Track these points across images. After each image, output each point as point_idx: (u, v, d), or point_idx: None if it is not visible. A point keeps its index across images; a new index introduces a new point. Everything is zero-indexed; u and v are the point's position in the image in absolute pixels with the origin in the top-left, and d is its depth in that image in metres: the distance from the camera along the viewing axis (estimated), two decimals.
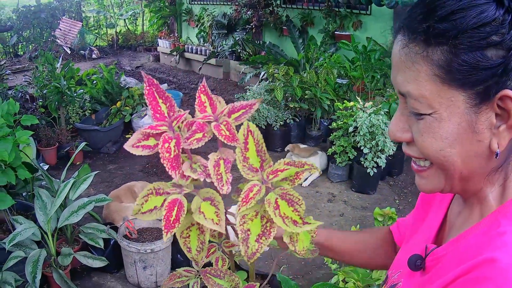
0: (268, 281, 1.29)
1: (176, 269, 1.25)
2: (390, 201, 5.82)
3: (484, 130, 0.88)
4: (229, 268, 1.19)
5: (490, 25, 0.82)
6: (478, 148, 0.90)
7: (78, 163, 6.77)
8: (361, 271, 2.82)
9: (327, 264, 3.34)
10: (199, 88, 0.96)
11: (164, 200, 0.88)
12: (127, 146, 0.89)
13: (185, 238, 0.94)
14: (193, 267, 1.24)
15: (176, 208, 0.87)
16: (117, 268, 4.41)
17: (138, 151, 0.89)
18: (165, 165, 0.85)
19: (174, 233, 0.89)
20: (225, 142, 0.88)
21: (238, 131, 0.93)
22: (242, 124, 0.95)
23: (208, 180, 0.87)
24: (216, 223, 0.86)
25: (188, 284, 1.21)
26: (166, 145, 0.87)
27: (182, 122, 0.91)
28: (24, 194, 4.58)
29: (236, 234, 1.06)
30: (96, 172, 4.47)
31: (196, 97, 0.96)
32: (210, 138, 0.89)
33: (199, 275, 1.20)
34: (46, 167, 5.12)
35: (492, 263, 0.82)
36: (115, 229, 4.31)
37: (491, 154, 0.91)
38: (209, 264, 1.18)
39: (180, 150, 0.87)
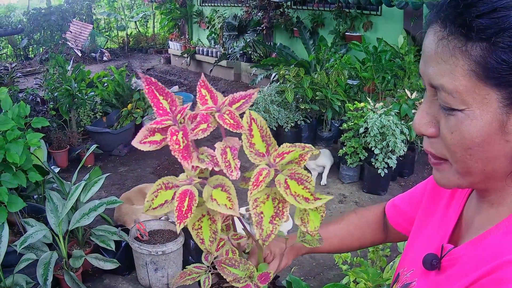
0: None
1: (186, 267, 1.25)
2: None
3: None
4: None
5: None
6: (505, 148, 0.89)
7: (89, 165, 6.79)
8: (371, 271, 2.81)
9: (338, 265, 3.34)
10: (198, 83, 0.99)
11: (175, 193, 0.90)
12: (135, 143, 0.92)
13: (197, 229, 0.96)
14: (204, 263, 1.25)
15: (187, 198, 0.89)
16: (128, 270, 4.42)
17: (145, 147, 0.92)
18: (176, 156, 0.87)
19: (185, 233, 0.91)
20: (231, 130, 0.91)
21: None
22: (243, 113, 0.98)
23: (216, 168, 0.90)
24: (230, 208, 0.88)
25: (199, 281, 1.21)
26: (174, 137, 0.89)
27: (185, 116, 0.94)
28: (35, 196, 4.60)
29: (244, 227, 1.07)
30: (107, 174, 4.47)
31: (197, 91, 0.98)
32: (214, 128, 0.93)
33: (210, 271, 1.22)
34: (57, 169, 5.13)
35: (509, 265, 0.81)
36: (127, 231, 4.33)
37: None
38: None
39: (189, 141, 0.90)
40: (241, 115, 0.97)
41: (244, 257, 1.25)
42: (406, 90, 6.32)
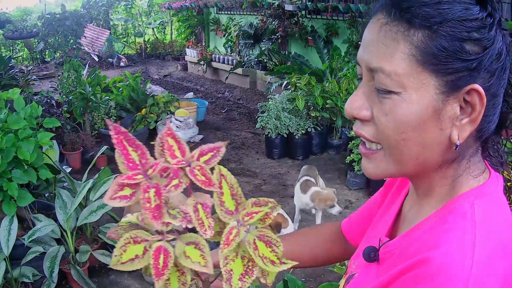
0: None
1: None
2: None
3: (447, 120, 0.90)
4: None
5: (473, 22, 0.86)
6: (439, 137, 0.92)
7: (102, 167, 6.86)
8: None
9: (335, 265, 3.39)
10: (164, 132, 0.96)
11: (145, 248, 0.89)
12: (106, 200, 0.88)
13: (166, 281, 0.93)
14: None
15: (162, 255, 0.87)
16: None
17: (115, 203, 0.87)
18: (147, 215, 0.85)
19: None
20: (203, 187, 0.89)
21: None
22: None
23: (189, 226, 0.88)
24: (204, 266, 0.88)
25: None
26: (147, 195, 0.86)
27: (155, 170, 0.90)
28: (46, 195, 4.70)
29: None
30: (117, 174, 4.53)
31: (164, 141, 0.94)
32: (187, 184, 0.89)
33: None
34: (69, 169, 5.24)
35: (427, 262, 0.85)
36: None
37: (449, 145, 0.93)
38: None
39: (162, 199, 0.87)
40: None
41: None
42: None
